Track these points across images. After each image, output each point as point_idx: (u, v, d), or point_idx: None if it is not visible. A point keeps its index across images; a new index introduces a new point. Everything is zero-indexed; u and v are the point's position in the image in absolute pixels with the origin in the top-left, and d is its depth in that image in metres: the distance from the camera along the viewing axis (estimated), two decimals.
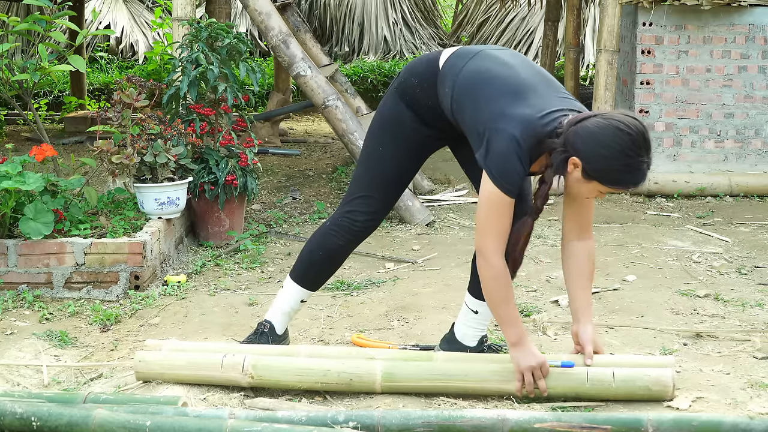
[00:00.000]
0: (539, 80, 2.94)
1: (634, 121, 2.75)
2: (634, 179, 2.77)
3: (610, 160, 2.73)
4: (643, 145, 2.74)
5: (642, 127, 2.76)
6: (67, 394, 2.97)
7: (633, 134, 2.72)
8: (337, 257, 3.30)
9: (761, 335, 3.64)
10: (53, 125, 9.95)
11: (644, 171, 2.76)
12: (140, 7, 13.29)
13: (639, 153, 2.73)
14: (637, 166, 2.74)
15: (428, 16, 13.91)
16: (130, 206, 4.72)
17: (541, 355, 2.97)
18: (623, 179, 2.77)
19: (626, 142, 2.72)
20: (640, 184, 2.80)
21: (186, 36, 5.27)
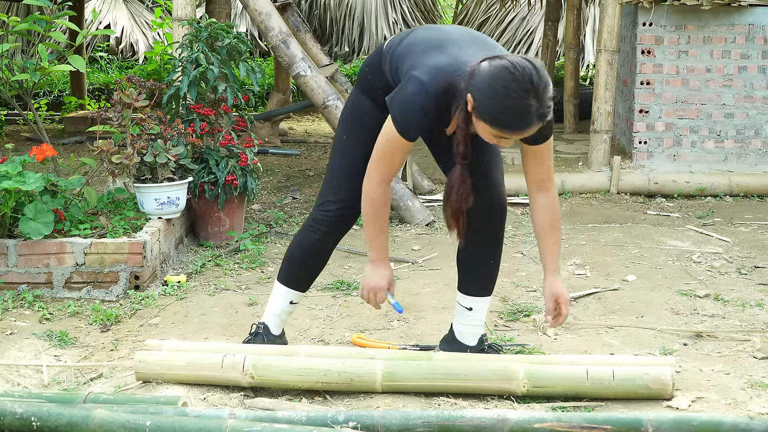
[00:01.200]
0: (471, 40, 2.93)
1: (526, 64, 2.64)
2: (517, 124, 2.66)
3: (494, 100, 2.64)
4: (530, 89, 2.61)
5: (532, 70, 2.63)
6: (67, 394, 2.97)
7: (518, 76, 2.62)
8: (317, 253, 3.31)
9: (761, 335, 3.64)
10: (53, 125, 9.95)
11: (529, 116, 2.64)
12: (140, 7, 13.29)
13: (522, 96, 2.61)
14: (521, 109, 2.63)
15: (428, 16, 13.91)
16: (130, 206, 4.73)
17: (382, 282, 3.02)
18: (505, 122, 2.66)
19: (510, 84, 2.62)
20: (526, 130, 2.68)
21: (186, 36, 5.27)
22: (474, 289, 3.26)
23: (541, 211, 3.07)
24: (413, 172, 6.32)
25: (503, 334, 3.69)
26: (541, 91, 2.63)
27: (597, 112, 6.63)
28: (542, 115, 2.66)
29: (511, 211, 5.97)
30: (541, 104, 2.65)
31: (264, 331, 3.38)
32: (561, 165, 6.97)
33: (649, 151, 6.73)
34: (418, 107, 2.80)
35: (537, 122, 2.67)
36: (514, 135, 2.71)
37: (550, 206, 3.06)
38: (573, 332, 3.74)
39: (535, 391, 3.03)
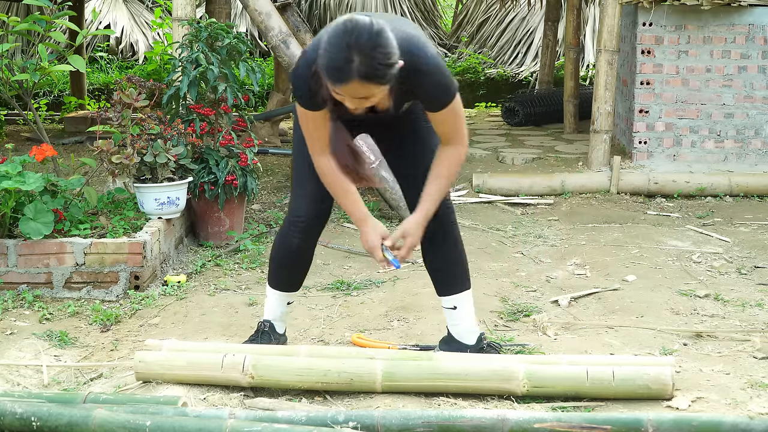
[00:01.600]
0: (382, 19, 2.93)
1: (365, 22, 2.64)
2: (335, 75, 2.64)
3: (323, 50, 2.66)
4: (353, 44, 2.60)
5: (367, 28, 2.63)
6: (67, 394, 2.97)
7: (348, 29, 2.63)
8: (301, 255, 3.32)
9: (761, 335, 3.64)
10: (53, 125, 9.95)
11: (347, 69, 2.60)
12: (140, 7, 13.28)
13: (344, 48, 2.60)
14: (339, 60, 2.61)
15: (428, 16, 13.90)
16: (130, 206, 4.72)
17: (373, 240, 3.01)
18: (327, 73, 2.66)
19: (339, 36, 2.63)
20: (345, 84, 2.65)
21: (186, 36, 5.26)
22: (449, 288, 3.30)
23: (438, 159, 3.05)
24: None
25: (503, 334, 3.69)
26: (367, 48, 2.61)
27: (597, 112, 6.63)
28: (365, 74, 2.62)
29: (511, 211, 5.97)
30: (365, 62, 2.61)
31: (270, 329, 3.41)
32: (561, 165, 6.97)
33: (649, 151, 6.73)
34: (299, 73, 2.89)
35: (356, 78, 2.63)
36: (338, 88, 2.68)
37: (449, 156, 3.03)
38: (573, 332, 3.74)
39: (535, 391, 3.03)
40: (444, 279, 3.31)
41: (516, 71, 11.75)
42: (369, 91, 2.69)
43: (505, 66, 12.02)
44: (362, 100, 2.73)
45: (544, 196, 6.35)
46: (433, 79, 2.89)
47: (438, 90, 2.91)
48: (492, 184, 6.38)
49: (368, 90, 2.68)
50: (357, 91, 2.68)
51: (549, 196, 6.36)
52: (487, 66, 12.09)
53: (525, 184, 6.39)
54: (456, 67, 12.06)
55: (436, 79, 2.89)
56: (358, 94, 2.69)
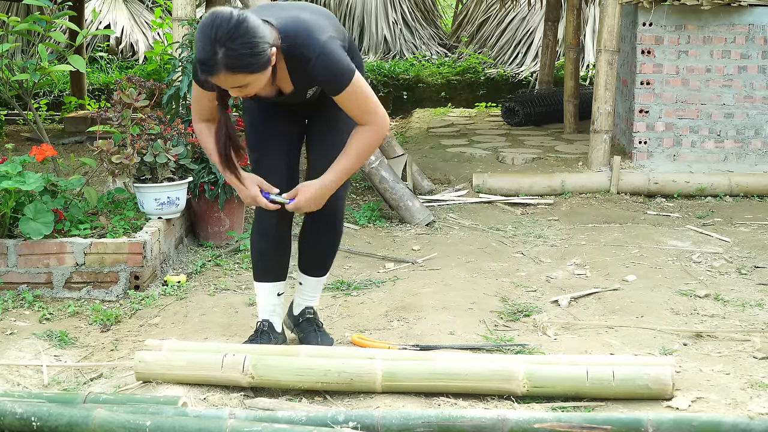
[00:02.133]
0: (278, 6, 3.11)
1: (231, 16, 2.77)
2: (202, 67, 2.80)
3: (196, 41, 2.82)
4: (214, 36, 2.75)
5: (230, 21, 2.76)
6: (67, 394, 2.97)
7: (215, 22, 2.76)
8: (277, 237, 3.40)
9: (761, 335, 3.64)
10: (53, 125, 9.95)
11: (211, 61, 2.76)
12: (140, 7, 13.28)
13: (208, 40, 2.75)
14: (203, 52, 2.77)
15: (428, 16, 13.90)
16: (130, 206, 4.73)
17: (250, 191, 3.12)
18: (198, 65, 2.83)
19: (205, 29, 2.78)
20: (212, 75, 2.80)
21: (186, 36, 5.27)
22: (304, 268, 3.48)
23: (352, 137, 3.09)
24: (413, 172, 6.32)
25: (503, 334, 3.69)
26: (228, 40, 2.74)
27: (597, 112, 6.63)
28: (229, 65, 2.76)
29: (511, 211, 5.97)
30: (228, 53, 2.74)
31: (269, 328, 3.44)
32: (561, 165, 6.97)
33: (649, 151, 6.73)
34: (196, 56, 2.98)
35: (222, 70, 2.77)
36: (209, 78, 2.83)
37: (361, 136, 3.06)
38: (573, 332, 3.74)
39: (535, 391, 3.03)
40: (305, 259, 3.47)
41: (516, 71, 11.75)
42: (239, 80, 2.82)
43: (505, 66, 12.02)
44: (239, 89, 2.86)
45: (544, 196, 6.36)
46: (322, 66, 2.95)
47: (329, 76, 2.98)
48: (492, 184, 6.38)
49: (238, 79, 2.82)
50: (228, 81, 2.82)
51: (549, 196, 6.36)
52: (487, 66, 12.08)
53: (525, 184, 6.39)
54: (456, 67, 12.06)
55: (323, 65, 2.95)
56: (230, 83, 2.83)
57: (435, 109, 10.80)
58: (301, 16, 3.01)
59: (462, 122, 9.65)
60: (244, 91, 2.90)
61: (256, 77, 2.85)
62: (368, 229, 5.52)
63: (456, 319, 3.85)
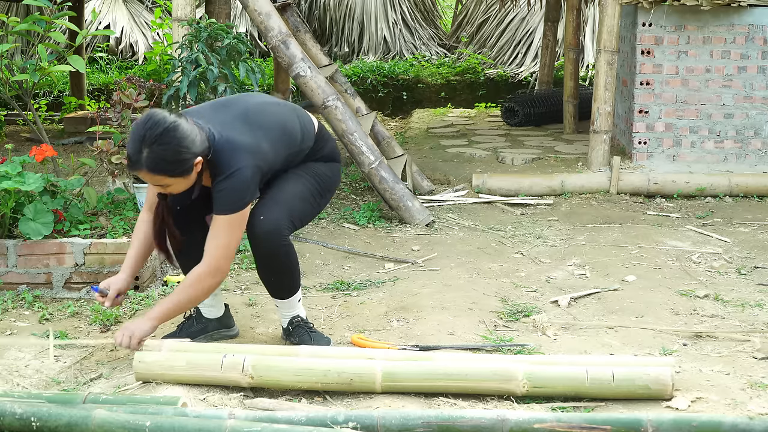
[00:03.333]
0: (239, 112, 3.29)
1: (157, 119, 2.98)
2: (129, 162, 3.02)
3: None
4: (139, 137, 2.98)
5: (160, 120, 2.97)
6: (66, 395, 2.97)
7: (144, 119, 3.00)
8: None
9: (761, 335, 3.64)
10: (53, 125, 9.95)
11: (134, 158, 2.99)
12: (140, 7, 13.28)
13: (134, 140, 2.99)
14: (132, 148, 3.00)
15: (428, 16, 13.90)
16: (130, 206, 4.72)
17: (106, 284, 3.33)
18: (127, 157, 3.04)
19: (137, 122, 3.04)
20: (135, 170, 3.03)
21: (186, 36, 5.27)
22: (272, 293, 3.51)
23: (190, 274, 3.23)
24: (413, 173, 6.32)
25: (503, 334, 3.69)
26: (154, 144, 2.96)
27: (597, 113, 6.64)
28: (151, 167, 2.99)
29: (511, 212, 5.97)
30: (151, 156, 2.97)
31: (196, 314, 3.60)
32: (561, 165, 6.97)
33: (649, 152, 6.73)
34: None
35: (144, 169, 2.99)
36: (133, 172, 3.09)
37: (195, 274, 3.19)
38: (573, 332, 3.74)
39: (535, 392, 3.03)
40: (268, 288, 3.51)
41: (516, 71, 11.75)
42: (159, 180, 3.04)
43: (504, 66, 12.02)
44: (159, 186, 3.10)
45: (544, 196, 6.36)
46: (226, 185, 3.11)
47: (224, 198, 3.12)
48: (492, 185, 6.38)
49: (157, 179, 3.03)
50: (149, 178, 3.04)
51: (549, 196, 6.36)
52: (486, 66, 12.09)
53: (525, 184, 6.39)
54: (456, 67, 12.06)
55: (228, 186, 3.11)
56: (151, 181, 3.06)
57: (435, 110, 10.80)
58: (237, 137, 3.15)
59: (462, 122, 9.65)
60: (166, 190, 3.11)
61: (175, 180, 3.05)
62: (368, 229, 5.52)
63: (456, 319, 3.85)
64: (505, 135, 8.59)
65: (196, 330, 3.58)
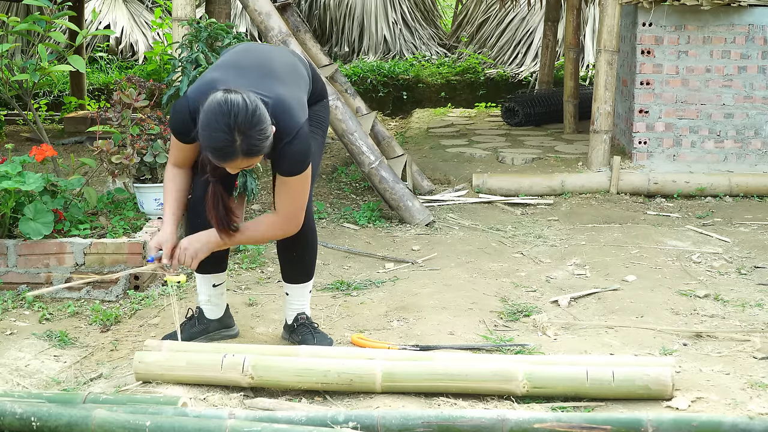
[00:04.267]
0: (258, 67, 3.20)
1: (240, 100, 2.87)
2: (217, 154, 2.92)
3: (203, 129, 2.91)
4: (233, 124, 2.85)
5: (242, 107, 2.86)
6: (66, 394, 2.97)
7: (225, 110, 2.86)
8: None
9: (761, 335, 3.64)
10: (53, 125, 9.95)
11: (228, 149, 2.88)
12: (140, 7, 13.28)
13: (224, 129, 2.86)
14: (220, 140, 2.87)
15: (428, 16, 13.90)
16: (130, 206, 4.72)
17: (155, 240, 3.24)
18: (210, 151, 2.93)
19: (217, 116, 2.87)
20: (227, 162, 2.94)
21: (186, 36, 5.26)
22: (286, 277, 3.55)
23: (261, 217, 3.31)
24: (413, 173, 6.32)
25: (503, 334, 3.69)
26: (245, 128, 2.87)
27: (597, 112, 6.64)
28: (248, 152, 2.91)
29: (511, 212, 5.97)
30: (247, 141, 2.89)
31: (199, 315, 3.59)
32: (561, 165, 6.97)
33: (649, 152, 6.73)
34: (177, 113, 3.15)
35: (240, 156, 2.91)
36: (219, 163, 2.97)
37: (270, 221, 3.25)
38: (573, 332, 3.74)
39: (535, 392, 3.03)
40: (288, 268, 3.53)
41: (516, 71, 11.75)
42: (251, 162, 2.99)
43: (504, 66, 12.02)
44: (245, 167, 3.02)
45: (544, 196, 6.36)
46: (295, 147, 3.08)
47: (295, 158, 3.10)
48: (492, 184, 6.38)
49: (250, 162, 2.98)
50: (240, 164, 2.97)
51: (549, 196, 6.36)
52: (486, 66, 12.08)
53: (525, 184, 6.39)
54: (456, 67, 12.06)
55: (296, 147, 3.08)
56: (241, 166, 2.98)
57: (435, 109, 10.79)
58: (281, 91, 3.10)
59: (462, 122, 9.65)
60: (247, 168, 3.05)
61: (261, 158, 3.01)
62: (368, 229, 5.52)
63: (456, 319, 3.85)
64: (505, 135, 8.59)
65: (197, 331, 3.58)
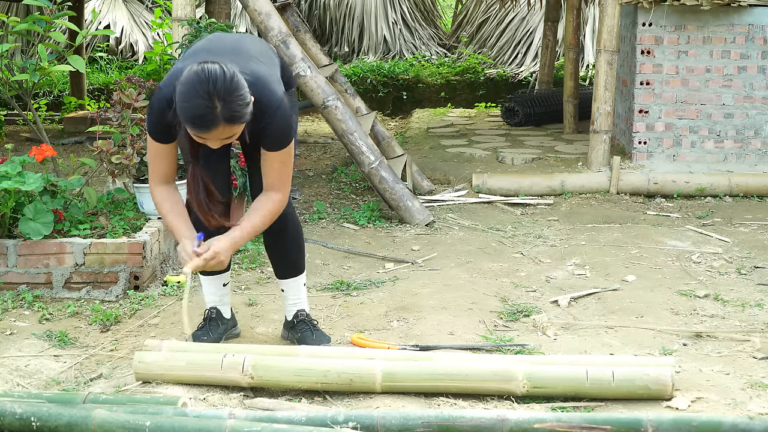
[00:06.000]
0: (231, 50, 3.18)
1: (216, 69, 2.84)
2: (200, 123, 2.86)
3: (182, 100, 2.87)
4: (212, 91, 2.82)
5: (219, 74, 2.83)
6: (66, 395, 2.97)
7: (203, 77, 2.83)
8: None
9: (761, 335, 3.64)
10: (53, 125, 9.95)
11: (210, 116, 2.84)
12: (140, 7, 13.27)
13: (203, 96, 2.82)
14: (201, 108, 2.83)
15: (428, 16, 13.90)
16: (130, 206, 4.73)
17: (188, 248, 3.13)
18: (191, 121, 2.87)
19: (195, 85, 2.83)
20: (210, 130, 2.88)
21: (186, 36, 5.27)
22: (279, 273, 3.55)
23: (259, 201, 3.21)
24: (413, 173, 6.32)
25: (503, 334, 3.69)
26: (224, 93, 2.83)
27: (597, 112, 6.64)
28: (229, 118, 2.87)
29: (511, 212, 5.97)
30: (227, 107, 2.85)
31: (217, 314, 3.58)
32: (561, 165, 6.97)
33: (649, 152, 6.73)
34: (154, 107, 3.09)
35: (222, 123, 2.87)
36: (202, 134, 2.91)
37: (269, 202, 3.19)
38: (573, 332, 3.74)
39: (535, 392, 3.03)
40: (277, 264, 3.55)
41: (516, 71, 11.75)
42: (233, 131, 2.93)
43: (504, 66, 12.02)
44: (226, 139, 2.96)
45: (544, 196, 6.36)
46: (279, 119, 3.08)
47: (279, 130, 3.09)
48: (492, 184, 6.38)
49: (232, 131, 2.92)
50: (222, 133, 2.90)
51: (549, 196, 6.36)
52: (486, 66, 12.08)
53: (525, 184, 6.39)
54: (456, 67, 12.06)
55: (280, 119, 3.08)
56: (224, 135, 2.92)
57: (435, 110, 10.80)
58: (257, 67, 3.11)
59: (462, 122, 9.65)
60: (227, 142, 3.00)
61: (242, 126, 2.97)
62: (368, 229, 5.52)
63: (456, 319, 3.85)
64: (505, 135, 8.58)
65: (222, 330, 3.60)
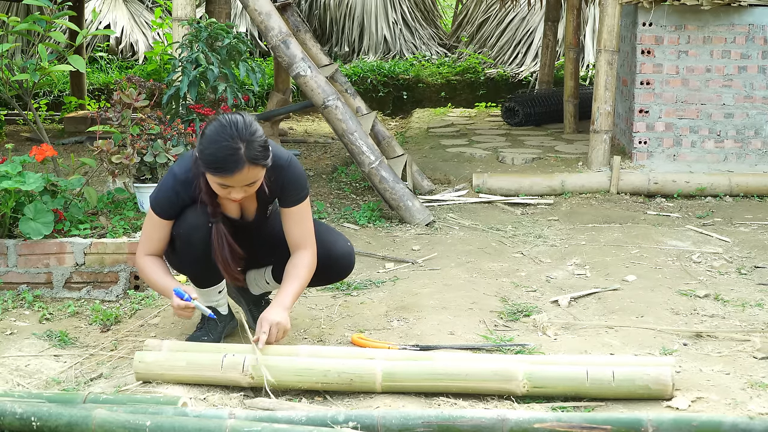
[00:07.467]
0: None
1: (236, 116, 3.02)
2: (226, 165, 2.97)
3: (205, 146, 2.99)
4: (235, 134, 2.96)
5: (240, 119, 3.00)
6: (67, 394, 2.97)
7: (225, 122, 2.99)
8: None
9: (761, 335, 3.64)
10: (53, 125, 9.95)
11: (235, 156, 2.96)
12: (140, 7, 13.28)
13: (227, 139, 2.96)
14: (226, 149, 2.95)
15: (428, 16, 13.90)
16: (130, 206, 4.72)
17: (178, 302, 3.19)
18: (216, 165, 2.98)
19: (218, 130, 2.99)
20: (236, 171, 2.98)
21: (186, 36, 5.26)
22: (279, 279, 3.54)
23: (297, 261, 3.33)
24: (413, 172, 6.32)
25: (503, 334, 3.69)
26: (246, 135, 2.98)
27: (597, 112, 6.64)
28: (251, 158, 2.99)
29: (511, 211, 5.97)
30: (250, 146, 2.98)
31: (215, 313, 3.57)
32: (561, 165, 6.97)
33: (649, 151, 6.73)
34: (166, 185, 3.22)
35: (246, 164, 2.98)
36: (227, 178, 3.00)
37: (305, 263, 3.32)
38: (573, 332, 3.74)
39: (535, 392, 3.03)
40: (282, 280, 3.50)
41: (516, 71, 11.75)
42: (256, 174, 3.03)
43: (505, 66, 12.02)
44: (248, 187, 3.06)
45: (544, 196, 6.36)
46: (292, 172, 3.24)
47: (296, 184, 3.26)
48: (492, 184, 6.38)
49: (255, 173, 3.03)
50: (246, 176, 3.01)
51: (549, 196, 6.36)
52: (487, 66, 12.09)
53: (525, 184, 6.39)
54: (456, 67, 12.06)
55: (293, 170, 3.25)
56: (247, 179, 3.02)
57: (435, 109, 10.80)
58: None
59: (462, 122, 9.65)
60: (249, 191, 3.08)
61: (263, 172, 3.07)
62: (368, 229, 5.52)
63: (456, 319, 3.85)
64: (506, 135, 8.59)
65: (221, 329, 3.60)
